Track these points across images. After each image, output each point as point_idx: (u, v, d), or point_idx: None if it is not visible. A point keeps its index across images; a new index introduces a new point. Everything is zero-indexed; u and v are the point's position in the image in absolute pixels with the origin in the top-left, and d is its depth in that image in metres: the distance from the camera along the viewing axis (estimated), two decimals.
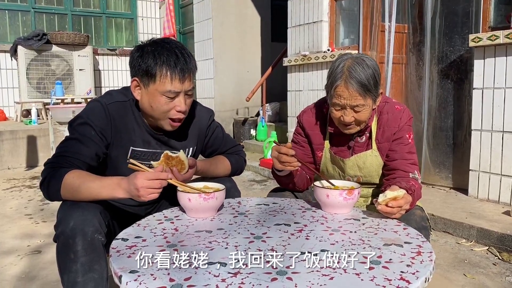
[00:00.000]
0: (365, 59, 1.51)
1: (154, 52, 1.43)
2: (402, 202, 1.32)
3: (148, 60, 1.42)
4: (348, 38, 4.57)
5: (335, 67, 1.52)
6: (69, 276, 1.27)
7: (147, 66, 1.42)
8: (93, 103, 1.50)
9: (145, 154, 1.56)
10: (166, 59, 1.42)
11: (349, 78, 1.47)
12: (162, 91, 1.43)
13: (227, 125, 6.79)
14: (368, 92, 1.49)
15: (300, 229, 1.25)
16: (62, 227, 1.27)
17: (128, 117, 1.52)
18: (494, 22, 3.17)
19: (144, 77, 1.44)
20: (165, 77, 1.42)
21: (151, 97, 1.45)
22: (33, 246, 2.70)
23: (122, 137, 1.51)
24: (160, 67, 1.41)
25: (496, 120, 3.09)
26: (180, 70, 1.43)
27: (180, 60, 1.43)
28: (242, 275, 0.94)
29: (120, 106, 1.51)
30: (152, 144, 1.56)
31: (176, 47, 1.46)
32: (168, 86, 1.42)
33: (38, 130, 5.58)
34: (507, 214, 2.84)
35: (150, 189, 1.27)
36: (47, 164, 1.41)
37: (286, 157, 1.49)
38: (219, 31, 6.67)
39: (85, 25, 7.84)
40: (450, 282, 2.18)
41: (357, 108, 1.50)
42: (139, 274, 0.95)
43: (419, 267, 0.99)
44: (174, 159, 1.48)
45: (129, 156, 1.54)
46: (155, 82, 1.43)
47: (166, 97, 1.44)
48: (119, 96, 1.53)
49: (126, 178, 1.31)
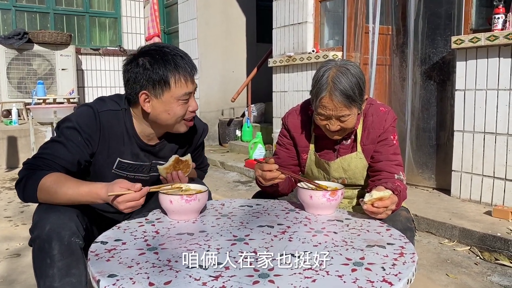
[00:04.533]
0: (349, 67, 1.49)
1: (162, 60, 1.40)
2: (388, 203, 1.32)
3: (158, 70, 1.39)
4: (332, 39, 4.59)
5: (320, 76, 1.49)
6: (45, 281, 1.23)
7: (159, 76, 1.39)
8: (85, 108, 1.45)
9: (132, 166, 1.53)
10: (175, 65, 1.40)
11: (333, 90, 1.45)
12: (178, 96, 1.41)
13: (212, 126, 6.77)
14: (353, 102, 1.47)
15: (283, 230, 1.24)
16: (38, 231, 1.24)
17: (119, 127, 1.48)
18: (475, 24, 3.21)
19: (157, 87, 1.40)
20: (179, 81, 1.40)
21: (167, 105, 1.42)
22: (12, 249, 2.64)
23: (110, 147, 1.47)
24: (173, 73, 1.39)
25: (478, 121, 3.13)
26: (191, 70, 1.43)
27: (186, 60, 1.43)
28: (223, 278, 0.93)
29: (112, 115, 1.46)
30: (140, 156, 1.54)
31: (174, 49, 1.44)
32: (184, 89, 1.42)
33: (19, 130, 5.47)
34: (489, 214, 2.88)
35: (129, 202, 1.24)
36: (25, 165, 1.37)
37: (271, 174, 1.48)
38: (204, 31, 6.64)
39: (68, 24, 7.72)
40: (433, 282, 2.20)
41: (343, 118, 1.50)
42: (118, 278, 0.93)
43: (402, 268, 0.99)
44: (183, 163, 1.49)
45: (115, 166, 1.50)
46: (170, 89, 1.40)
47: (182, 101, 1.43)
48: (112, 104, 1.48)
49: (105, 188, 1.27)
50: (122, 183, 1.25)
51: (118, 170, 1.52)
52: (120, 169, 1.51)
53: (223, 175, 4.98)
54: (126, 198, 1.24)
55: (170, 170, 1.51)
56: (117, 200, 1.24)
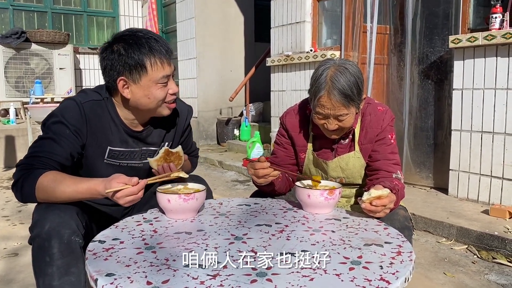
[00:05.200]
0: (348, 66, 1.49)
1: (136, 44, 1.39)
2: (387, 201, 1.32)
3: (133, 54, 1.38)
4: (330, 38, 4.59)
5: (318, 75, 1.49)
6: (44, 280, 1.23)
7: (135, 60, 1.38)
8: (68, 101, 1.46)
9: (123, 153, 1.53)
10: (150, 47, 1.39)
11: (332, 89, 1.45)
12: (156, 79, 1.41)
13: (211, 125, 6.77)
14: (352, 101, 1.47)
15: (281, 229, 1.25)
16: (37, 229, 1.24)
17: (104, 117, 1.48)
18: (473, 23, 3.22)
19: (134, 72, 1.40)
20: (155, 64, 1.40)
21: (146, 89, 1.42)
22: (9, 249, 2.63)
23: (98, 137, 1.47)
24: (148, 56, 1.39)
25: (475, 120, 3.13)
26: (166, 53, 1.42)
27: (161, 43, 1.42)
28: (221, 277, 0.93)
29: (95, 105, 1.47)
30: (130, 143, 1.54)
31: (148, 32, 1.44)
32: (161, 72, 1.41)
33: (17, 130, 5.46)
34: (486, 213, 2.89)
35: (128, 197, 1.25)
36: (19, 166, 1.36)
37: (263, 171, 1.49)
38: (202, 30, 6.64)
39: (66, 23, 7.70)
40: (430, 281, 2.21)
41: (341, 117, 1.49)
42: (116, 277, 0.93)
43: (399, 267, 0.99)
44: (174, 155, 1.48)
45: (107, 156, 1.51)
46: (147, 73, 1.40)
47: (161, 84, 1.43)
48: (94, 95, 1.49)
49: (102, 183, 1.27)
50: (119, 178, 1.26)
51: (110, 160, 1.52)
52: (112, 158, 1.51)
53: (221, 174, 4.98)
54: (124, 193, 1.25)
55: (161, 162, 1.50)
56: (116, 195, 1.25)
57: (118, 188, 1.24)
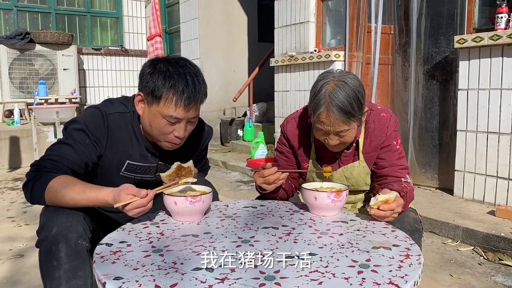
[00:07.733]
0: (347, 80, 1.43)
1: (165, 74, 1.37)
2: (394, 205, 1.30)
3: (156, 81, 1.36)
4: (334, 38, 4.58)
5: (317, 90, 1.44)
6: (52, 283, 1.23)
7: (154, 86, 1.36)
8: (93, 110, 1.45)
9: (140, 168, 1.54)
10: (174, 84, 1.35)
11: (330, 106, 1.40)
12: (164, 115, 1.38)
13: (214, 126, 6.77)
14: (352, 117, 1.42)
15: (288, 232, 1.24)
16: (45, 233, 1.24)
17: (127, 130, 1.47)
18: (478, 23, 3.20)
19: (149, 96, 1.38)
20: (170, 102, 1.35)
21: (152, 116, 1.40)
22: (15, 250, 2.64)
23: (118, 150, 1.47)
24: (167, 91, 1.35)
25: (481, 121, 3.12)
26: (187, 98, 1.36)
27: (189, 87, 1.37)
28: (229, 280, 0.92)
29: (120, 117, 1.46)
30: (148, 158, 1.53)
31: (188, 72, 1.39)
32: (171, 112, 1.37)
33: (21, 130, 5.48)
34: (492, 214, 2.87)
35: (137, 209, 1.25)
36: (33, 166, 1.36)
37: (272, 177, 1.47)
38: (205, 30, 6.64)
39: (70, 24, 7.73)
40: (437, 282, 2.20)
41: (342, 133, 1.46)
42: (124, 281, 0.93)
43: (408, 270, 0.99)
44: (185, 169, 1.46)
45: (124, 169, 1.50)
46: (158, 104, 1.37)
47: (167, 121, 1.39)
48: (120, 107, 1.48)
49: (111, 194, 1.26)
50: (128, 190, 1.24)
51: (126, 173, 1.52)
52: (129, 171, 1.51)
53: (225, 175, 4.98)
54: (134, 205, 1.24)
55: (172, 177, 1.50)
56: (126, 208, 1.24)
57: (127, 202, 1.23)
